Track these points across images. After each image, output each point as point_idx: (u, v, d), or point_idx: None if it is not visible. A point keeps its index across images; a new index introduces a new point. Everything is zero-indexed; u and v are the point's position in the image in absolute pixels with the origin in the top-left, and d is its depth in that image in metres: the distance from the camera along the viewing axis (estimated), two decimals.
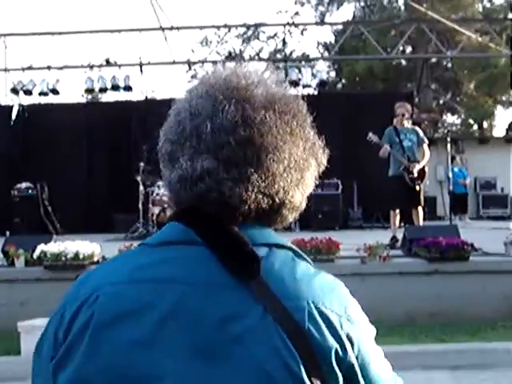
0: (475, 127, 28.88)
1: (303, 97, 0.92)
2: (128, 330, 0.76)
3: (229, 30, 23.11)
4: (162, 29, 13.61)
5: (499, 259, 6.05)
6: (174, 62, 14.64)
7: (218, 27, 20.48)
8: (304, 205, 0.89)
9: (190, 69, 29.40)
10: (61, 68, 13.84)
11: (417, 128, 7.59)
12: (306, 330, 0.75)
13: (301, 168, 0.85)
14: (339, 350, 0.76)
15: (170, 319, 0.76)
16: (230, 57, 26.53)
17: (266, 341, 0.74)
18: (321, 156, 0.90)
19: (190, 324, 0.76)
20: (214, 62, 15.20)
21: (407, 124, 7.51)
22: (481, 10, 26.51)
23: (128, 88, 13.72)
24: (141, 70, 14.16)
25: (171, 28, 13.75)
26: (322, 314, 0.77)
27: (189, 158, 0.82)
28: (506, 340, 4.75)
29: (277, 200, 0.83)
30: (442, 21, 14.80)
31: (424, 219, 7.56)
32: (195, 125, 0.83)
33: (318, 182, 0.91)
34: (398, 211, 7.45)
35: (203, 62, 18.34)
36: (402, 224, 7.72)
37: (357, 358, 0.78)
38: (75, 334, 0.78)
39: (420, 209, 7.38)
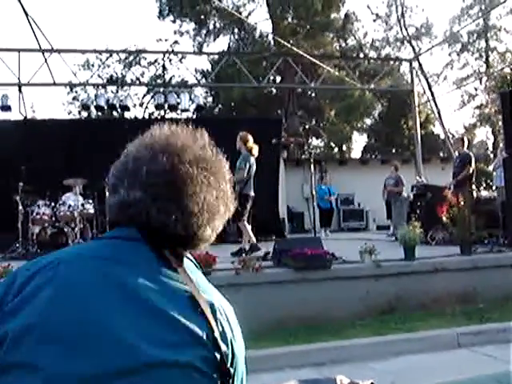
0: (336, 150, 30.70)
1: (182, 120, 1.10)
2: (83, 290, 0.91)
3: (110, 55, 22.56)
4: (42, 51, 12.94)
5: (356, 266, 6.36)
6: (54, 84, 13.96)
7: (100, 52, 19.86)
8: (213, 238, 1.10)
9: (71, 91, 28.27)
10: None
11: (243, 153, 7.86)
12: (217, 318, 0.97)
13: (212, 211, 1.06)
14: (232, 338, 0.99)
15: (112, 286, 0.92)
16: (112, 80, 25.86)
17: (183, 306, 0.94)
18: (229, 204, 1.11)
19: (131, 291, 0.93)
20: (96, 85, 14.71)
21: (243, 151, 7.87)
22: (338, 48, 28.40)
23: (6, 108, 12.84)
24: (19, 90, 13.34)
25: (51, 50, 13.12)
26: (222, 312, 1.00)
27: (126, 190, 1.02)
28: (362, 337, 5.07)
29: (190, 231, 1.03)
30: (305, 56, 15.62)
31: (293, 232, 7.86)
32: (135, 167, 1.04)
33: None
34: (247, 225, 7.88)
35: (85, 84, 17.63)
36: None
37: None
38: (31, 291, 0.90)
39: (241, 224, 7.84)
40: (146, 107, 27.27)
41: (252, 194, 7.87)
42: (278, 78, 26.96)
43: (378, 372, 4.09)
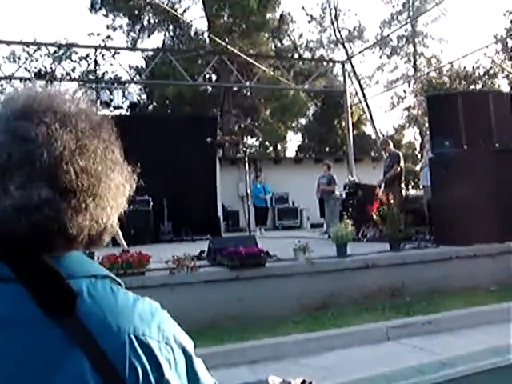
0: (271, 149, 31.01)
1: (114, 117, 0.89)
2: None
3: (39, 48, 21.66)
4: None
5: (290, 264, 6.44)
6: None
7: (28, 44, 19.03)
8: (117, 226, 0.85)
9: None
10: None
11: None
12: (126, 366, 0.70)
13: (122, 194, 0.82)
14: (159, 377, 0.73)
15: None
16: (40, 74, 24.83)
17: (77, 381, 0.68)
18: (130, 178, 0.86)
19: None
20: (23, 79, 14.08)
21: None
22: (273, 48, 28.73)
23: None
24: None
25: None
26: (142, 344, 0.73)
27: (21, 187, 0.70)
28: (296, 333, 5.15)
29: (102, 226, 0.78)
30: (240, 55, 15.66)
31: (228, 231, 7.86)
32: (28, 151, 0.71)
33: (131, 199, 0.87)
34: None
35: (10, 78, 16.82)
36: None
37: (177, 374, 0.76)
38: None
39: None
40: None
41: None
42: (214, 77, 26.92)
43: (312, 367, 4.17)
